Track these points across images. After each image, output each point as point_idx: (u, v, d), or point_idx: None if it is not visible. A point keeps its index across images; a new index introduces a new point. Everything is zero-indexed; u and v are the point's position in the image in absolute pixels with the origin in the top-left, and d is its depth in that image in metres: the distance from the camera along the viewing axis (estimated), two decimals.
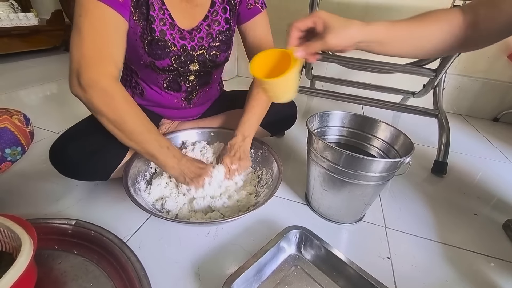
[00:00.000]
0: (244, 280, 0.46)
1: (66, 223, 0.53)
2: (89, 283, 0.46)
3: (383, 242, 0.61)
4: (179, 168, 0.59)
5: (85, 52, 0.48)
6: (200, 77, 0.70)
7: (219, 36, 0.66)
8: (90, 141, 0.59)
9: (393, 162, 0.54)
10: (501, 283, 0.55)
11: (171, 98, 0.71)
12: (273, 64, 0.48)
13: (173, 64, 0.62)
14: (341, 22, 0.44)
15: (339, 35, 0.44)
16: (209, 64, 0.67)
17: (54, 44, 1.95)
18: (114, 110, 0.50)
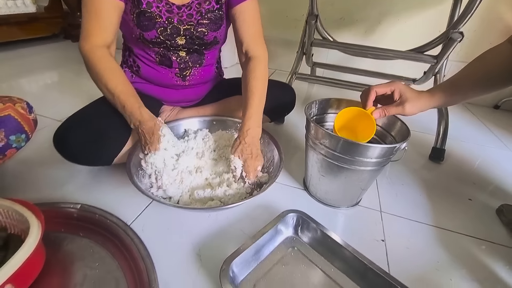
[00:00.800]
0: (243, 260, 0.48)
1: (72, 207, 0.55)
2: (95, 263, 0.49)
3: (378, 225, 0.63)
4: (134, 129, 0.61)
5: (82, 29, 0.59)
6: (191, 54, 0.72)
7: (208, 14, 0.67)
8: (93, 127, 0.60)
9: (388, 148, 0.55)
10: (490, 264, 0.57)
11: (166, 72, 0.72)
12: (351, 118, 0.62)
13: (160, 36, 0.65)
14: (414, 93, 0.56)
15: (415, 106, 0.55)
16: (196, 41, 0.68)
17: (53, 31, 1.93)
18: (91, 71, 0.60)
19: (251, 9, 0.69)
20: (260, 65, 0.69)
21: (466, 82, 0.55)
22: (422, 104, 0.56)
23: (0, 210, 0.48)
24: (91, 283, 0.45)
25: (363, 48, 1.09)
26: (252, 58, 0.70)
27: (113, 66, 0.60)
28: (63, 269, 0.48)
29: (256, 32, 0.71)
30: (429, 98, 0.56)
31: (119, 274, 0.47)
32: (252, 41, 0.70)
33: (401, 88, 0.56)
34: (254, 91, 0.66)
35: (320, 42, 1.12)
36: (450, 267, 0.55)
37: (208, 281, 0.48)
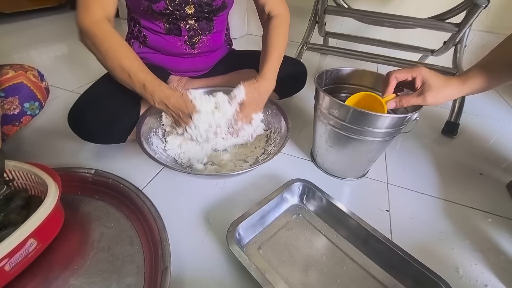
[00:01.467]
0: (249, 224, 0.50)
1: (86, 172, 0.58)
2: (111, 223, 0.52)
3: (384, 196, 0.64)
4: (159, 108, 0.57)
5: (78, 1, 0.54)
6: (200, 22, 0.70)
7: None
8: (105, 107, 0.61)
9: (399, 118, 0.53)
10: (495, 236, 0.57)
11: (174, 41, 0.71)
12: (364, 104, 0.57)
13: (168, 7, 0.62)
14: (440, 81, 0.50)
15: (439, 95, 0.49)
16: (205, 8, 0.66)
17: (59, 1, 1.91)
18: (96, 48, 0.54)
19: None
20: (283, 24, 0.69)
21: (500, 65, 0.50)
22: (450, 93, 0.51)
23: (21, 173, 0.51)
24: (108, 240, 0.49)
25: (379, 16, 1.03)
26: (275, 16, 0.69)
27: (123, 43, 0.55)
28: (82, 228, 0.51)
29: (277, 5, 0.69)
30: (460, 85, 0.51)
31: (133, 233, 0.50)
32: (276, 2, 0.69)
33: (424, 74, 0.50)
34: (275, 46, 0.66)
35: (334, 9, 1.06)
36: (454, 238, 0.56)
37: (216, 241, 0.51)
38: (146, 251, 0.47)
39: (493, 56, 0.52)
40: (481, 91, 0.53)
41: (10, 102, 0.56)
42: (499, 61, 0.51)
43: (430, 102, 0.51)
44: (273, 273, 0.46)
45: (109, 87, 0.66)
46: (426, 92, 0.50)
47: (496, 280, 0.49)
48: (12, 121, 0.58)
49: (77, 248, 0.48)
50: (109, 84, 0.66)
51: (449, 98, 0.52)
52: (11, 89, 0.56)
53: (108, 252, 0.47)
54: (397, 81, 0.53)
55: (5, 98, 0.56)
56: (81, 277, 0.44)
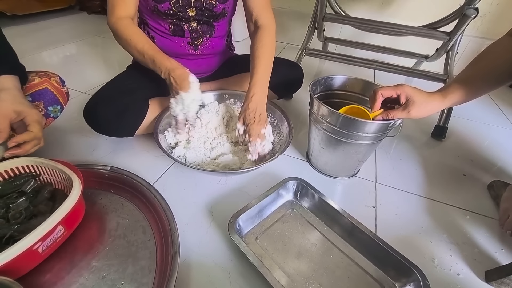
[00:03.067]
0: (248, 217, 0.56)
1: (103, 168, 0.64)
2: (125, 214, 0.58)
3: (371, 194, 0.70)
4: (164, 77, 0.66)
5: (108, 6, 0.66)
6: (202, 25, 0.76)
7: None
8: (117, 103, 0.68)
9: (383, 124, 0.59)
10: (471, 231, 0.63)
11: (178, 41, 0.77)
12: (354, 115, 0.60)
13: (173, 8, 0.70)
14: (423, 97, 0.55)
15: (421, 109, 0.55)
16: (206, 13, 0.73)
17: (69, 3, 1.97)
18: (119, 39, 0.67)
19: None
20: (268, 34, 0.73)
21: (476, 80, 0.56)
22: (432, 107, 0.56)
23: (47, 168, 0.57)
24: (123, 229, 0.55)
25: (375, 24, 1.08)
26: (261, 27, 0.74)
27: (138, 31, 0.67)
28: (100, 218, 0.58)
29: (264, 1, 0.74)
30: (441, 100, 0.56)
31: (145, 223, 0.56)
32: (261, 11, 0.74)
33: (408, 91, 0.55)
34: (260, 58, 0.70)
35: (332, 17, 1.12)
36: (433, 232, 0.62)
37: (218, 231, 0.57)
38: (157, 239, 0.53)
39: (470, 71, 0.58)
40: (461, 103, 0.58)
41: (36, 106, 0.63)
42: (475, 76, 0.56)
43: (413, 116, 0.56)
44: (269, 259, 0.52)
45: (121, 85, 0.74)
46: (410, 107, 0.55)
47: (468, 270, 0.55)
48: None
49: (97, 235, 0.55)
50: (122, 82, 0.75)
51: (431, 112, 0.57)
52: (37, 94, 0.63)
53: (124, 239, 0.54)
54: (383, 98, 0.58)
55: (31, 102, 0.62)
56: (102, 260, 0.50)
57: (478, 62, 0.57)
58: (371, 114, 0.60)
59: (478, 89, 0.56)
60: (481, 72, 0.56)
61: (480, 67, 0.57)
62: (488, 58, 0.56)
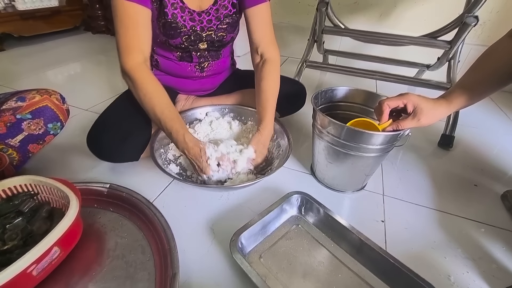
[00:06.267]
0: (251, 234, 0.54)
1: (102, 186, 0.63)
2: (124, 233, 0.56)
3: (379, 207, 0.67)
4: (187, 160, 0.65)
5: (119, 46, 0.60)
6: (210, 51, 0.76)
7: (226, 19, 0.71)
8: (119, 129, 0.67)
9: (392, 135, 0.58)
10: (487, 245, 0.60)
11: (185, 66, 0.77)
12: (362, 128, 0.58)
13: (184, 43, 0.69)
14: (430, 104, 0.55)
15: (430, 116, 0.55)
16: (216, 44, 0.74)
17: (74, 24, 2.03)
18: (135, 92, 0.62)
19: (265, 11, 0.72)
20: (274, 69, 0.74)
21: (479, 82, 0.55)
22: (440, 113, 0.55)
23: (45, 187, 0.56)
24: (122, 249, 0.53)
25: (375, 35, 1.08)
26: (267, 61, 0.74)
27: (159, 89, 0.62)
28: (98, 238, 0.56)
29: (270, 34, 0.74)
30: (447, 105, 0.56)
31: (145, 243, 0.54)
32: (267, 44, 0.74)
33: (414, 100, 0.55)
34: (269, 97, 0.71)
35: (331, 30, 1.12)
36: (446, 247, 0.59)
37: (220, 250, 0.55)
38: (157, 259, 0.51)
39: (472, 75, 0.57)
40: (467, 106, 0.58)
41: (36, 123, 0.62)
42: (478, 79, 0.56)
43: (424, 123, 0.55)
44: (273, 279, 0.49)
45: (123, 109, 0.72)
46: (419, 115, 0.55)
47: (487, 287, 0.52)
48: (37, 140, 0.64)
49: (95, 256, 0.52)
50: (123, 106, 0.73)
51: (439, 118, 0.56)
52: (37, 111, 0.63)
53: (122, 259, 0.52)
54: (390, 109, 0.57)
55: (31, 119, 0.62)
56: (99, 283, 0.48)
57: (480, 65, 0.56)
58: (380, 126, 0.59)
59: (482, 92, 0.56)
60: (484, 74, 0.55)
61: (482, 69, 0.56)
62: (489, 60, 0.56)
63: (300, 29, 1.68)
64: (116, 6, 0.58)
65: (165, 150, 0.73)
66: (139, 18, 0.60)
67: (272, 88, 0.72)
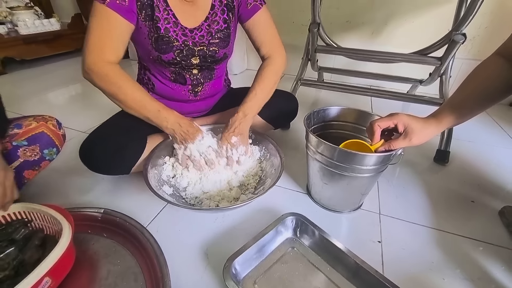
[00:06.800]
0: (245, 259, 0.53)
1: (96, 211, 0.63)
2: (117, 260, 0.56)
3: (376, 227, 0.66)
4: (171, 128, 0.67)
5: (89, 43, 0.60)
6: (203, 71, 0.78)
7: (218, 34, 0.73)
8: (112, 142, 0.68)
9: (385, 156, 0.58)
10: (486, 265, 0.59)
11: (179, 90, 0.79)
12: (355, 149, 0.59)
13: (177, 58, 0.71)
14: (420, 123, 0.56)
15: (421, 136, 0.55)
16: (209, 59, 0.75)
17: (75, 47, 2.08)
18: (109, 85, 0.62)
19: (264, 18, 0.75)
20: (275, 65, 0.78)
21: (469, 101, 0.56)
22: (430, 132, 0.56)
23: (38, 214, 0.56)
24: (114, 277, 0.53)
25: (366, 53, 1.11)
26: (270, 57, 0.79)
27: (134, 81, 0.65)
28: (91, 265, 0.55)
29: (272, 37, 0.77)
30: (437, 124, 0.56)
31: (137, 270, 0.54)
32: (270, 45, 0.78)
33: (404, 120, 0.56)
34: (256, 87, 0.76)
35: (324, 49, 1.15)
36: (444, 267, 0.58)
37: (214, 276, 0.54)
38: (149, 287, 0.50)
39: (461, 93, 0.57)
40: (457, 124, 0.58)
41: (31, 150, 0.63)
42: (467, 98, 0.56)
43: (415, 143, 0.56)
44: None
45: (115, 125, 0.74)
46: (410, 135, 0.55)
47: None
48: (32, 166, 0.64)
49: (86, 285, 0.52)
50: (116, 122, 0.75)
51: (430, 137, 0.57)
52: (33, 138, 0.63)
53: None
54: (381, 129, 0.58)
55: (27, 146, 0.63)
56: None
57: (468, 83, 0.57)
58: (372, 147, 0.59)
59: (471, 110, 0.56)
60: (472, 93, 0.56)
61: (470, 88, 0.57)
62: (477, 78, 0.56)
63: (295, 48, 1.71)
64: (95, 10, 0.59)
65: (159, 171, 0.73)
66: (118, 26, 0.61)
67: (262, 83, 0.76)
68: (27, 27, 1.76)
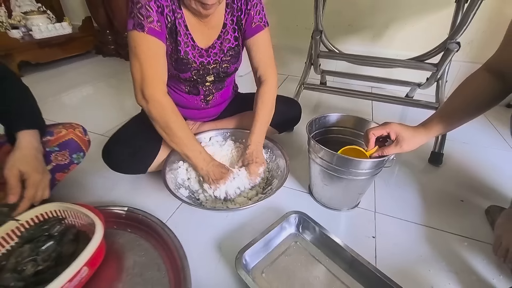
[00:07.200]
0: (254, 252, 0.60)
1: (120, 209, 0.71)
2: (141, 252, 0.64)
3: (371, 224, 0.73)
4: (206, 170, 0.73)
5: (144, 74, 0.65)
6: (215, 83, 0.85)
7: (230, 51, 0.79)
8: (130, 144, 0.77)
9: (378, 161, 0.64)
10: (469, 258, 0.65)
11: (192, 99, 0.86)
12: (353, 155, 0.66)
13: (193, 76, 0.78)
14: (410, 132, 0.62)
15: (411, 143, 0.62)
16: (221, 75, 0.82)
17: (87, 49, 2.16)
18: (164, 118, 0.68)
19: (264, 39, 0.80)
20: (270, 90, 0.82)
21: (458, 111, 0.62)
22: (419, 140, 0.62)
23: (71, 212, 0.64)
24: (139, 267, 0.60)
25: (366, 59, 1.16)
26: (264, 82, 0.83)
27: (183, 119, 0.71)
28: (118, 257, 0.63)
29: (269, 58, 0.83)
30: (426, 133, 0.62)
31: (160, 261, 0.61)
32: (266, 67, 0.83)
33: (396, 129, 0.62)
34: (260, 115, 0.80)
35: (326, 54, 1.21)
36: (431, 260, 0.65)
37: (226, 267, 0.62)
38: (171, 276, 0.58)
39: (450, 104, 0.63)
40: (445, 133, 0.65)
41: (62, 155, 0.71)
42: (456, 108, 0.62)
43: (406, 150, 0.62)
44: None
45: (134, 128, 0.82)
46: (401, 143, 0.62)
47: None
48: (62, 169, 0.72)
49: (116, 274, 0.60)
50: (135, 125, 0.83)
51: (420, 144, 0.63)
52: (63, 144, 0.71)
53: (140, 277, 0.59)
54: (375, 137, 0.64)
55: (58, 151, 0.70)
56: None
57: (457, 95, 0.63)
58: (367, 152, 0.66)
59: (459, 120, 0.63)
60: (460, 104, 0.62)
61: (458, 99, 0.63)
62: (465, 90, 0.62)
63: (299, 50, 1.77)
64: (136, 39, 0.64)
65: (175, 175, 0.80)
66: (159, 51, 0.66)
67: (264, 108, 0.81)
68: (41, 31, 1.83)
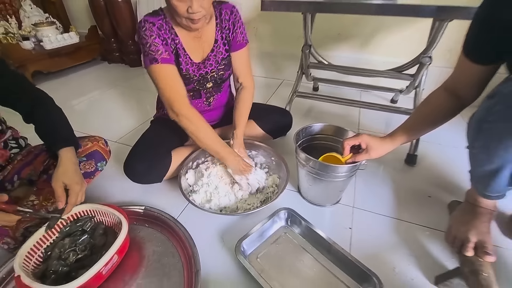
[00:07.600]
0: (250, 241, 0.74)
1: (139, 208, 0.84)
2: (158, 243, 0.78)
3: (349, 217, 0.87)
4: (236, 162, 0.88)
5: (169, 96, 0.82)
6: (214, 87, 1.00)
7: (223, 61, 0.94)
8: (146, 159, 0.90)
9: (351, 166, 0.78)
10: (428, 245, 0.79)
11: (196, 103, 1.00)
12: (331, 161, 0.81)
13: (196, 86, 0.93)
14: (377, 142, 0.76)
15: (378, 151, 0.76)
16: (218, 80, 0.97)
17: (93, 56, 2.28)
18: (191, 127, 0.84)
19: (245, 54, 0.97)
20: (249, 96, 0.99)
21: (419, 124, 0.76)
22: (386, 148, 0.76)
23: (100, 211, 0.78)
24: (158, 255, 0.74)
25: (353, 70, 1.30)
26: (244, 88, 0.99)
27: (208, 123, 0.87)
28: (140, 247, 0.77)
29: (248, 69, 1.00)
30: (391, 142, 0.76)
31: (174, 250, 0.75)
32: (245, 76, 0.99)
33: (366, 139, 0.76)
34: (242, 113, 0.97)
35: (316, 65, 1.34)
36: (397, 248, 0.78)
37: (228, 253, 0.76)
38: (184, 261, 0.72)
39: (413, 119, 0.77)
40: (408, 142, 0.78)
41: (89, 164, 0.84)
42: (417, 122, 0.76)
43: (373, 157, 0.76)
44: (267, 273, 0.70)
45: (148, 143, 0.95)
46: (370, 151, 0.76)
47: (422, 276, 0.71)
48: (89, 176, 0.86)
49: (139, 261, 0.74)
50: (148, 140, 0.97)
51: (386, 152, 0.77)
52: (90, 154, 0.85)
53: (158, 262, 0.73)
54: (349, 146, 0.78)
55: (86, 161, 0.84)
56: (144, 278, 0.69)
57: (419, 111, 0.77)
58: (343, 159, 0.79)
59: (420, 131, 0.77)
60: (420, 118, 0.76)
61: (419, 115, 0.77)
62: (425, 107, 0.76)
63: (293, 56, 1.89)
64: (155, 71, 0.80)
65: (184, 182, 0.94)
66: (173, 72, 0.82)
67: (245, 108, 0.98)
68: (51, 42, 1.95)
